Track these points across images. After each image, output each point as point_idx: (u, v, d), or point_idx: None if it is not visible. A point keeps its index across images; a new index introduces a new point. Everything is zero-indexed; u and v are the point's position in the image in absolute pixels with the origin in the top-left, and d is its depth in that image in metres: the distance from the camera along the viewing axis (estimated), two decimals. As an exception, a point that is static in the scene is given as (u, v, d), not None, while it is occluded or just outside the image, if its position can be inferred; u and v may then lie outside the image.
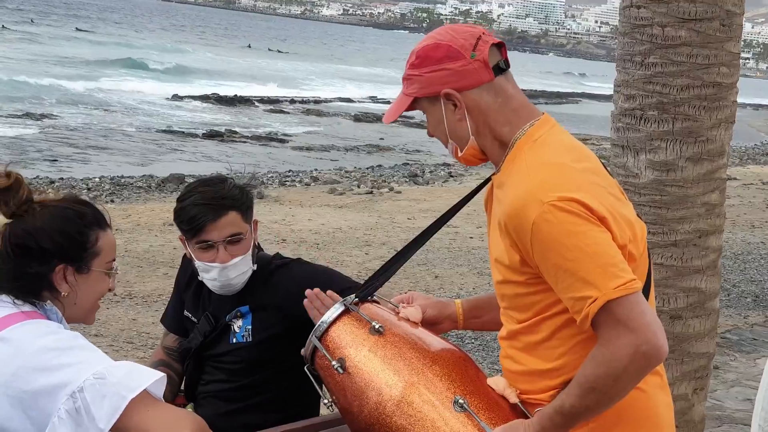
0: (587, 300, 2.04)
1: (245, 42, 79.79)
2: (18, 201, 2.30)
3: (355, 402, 2.25)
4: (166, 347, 3.35)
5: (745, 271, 10.38)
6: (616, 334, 2.03)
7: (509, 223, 2.13)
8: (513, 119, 2.25)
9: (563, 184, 2.09)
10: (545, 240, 2.07)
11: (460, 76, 2.22)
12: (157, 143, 23.56)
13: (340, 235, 11.58)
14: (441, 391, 2.19)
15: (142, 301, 8.14)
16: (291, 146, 24.76)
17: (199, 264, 3.07)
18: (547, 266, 2.09)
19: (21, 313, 2.25)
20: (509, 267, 2.20)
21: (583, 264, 2.04)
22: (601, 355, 2.05)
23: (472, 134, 2.26)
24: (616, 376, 2.04)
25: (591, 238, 2.05)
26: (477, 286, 9.26)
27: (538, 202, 2.07)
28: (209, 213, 3.00)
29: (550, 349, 2.21)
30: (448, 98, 2.24)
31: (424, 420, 2.17)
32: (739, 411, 6.06)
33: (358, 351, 2.29)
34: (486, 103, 2.24)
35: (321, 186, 16.97)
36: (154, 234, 11.00)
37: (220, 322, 3.15)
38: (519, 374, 2.27)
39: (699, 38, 3.84)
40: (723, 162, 3.99)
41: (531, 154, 2.19)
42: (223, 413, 3.12)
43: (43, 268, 2.29)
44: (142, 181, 16.47)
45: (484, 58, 2.23)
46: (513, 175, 2.19)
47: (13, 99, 28.66)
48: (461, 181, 18.47)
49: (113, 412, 2.06)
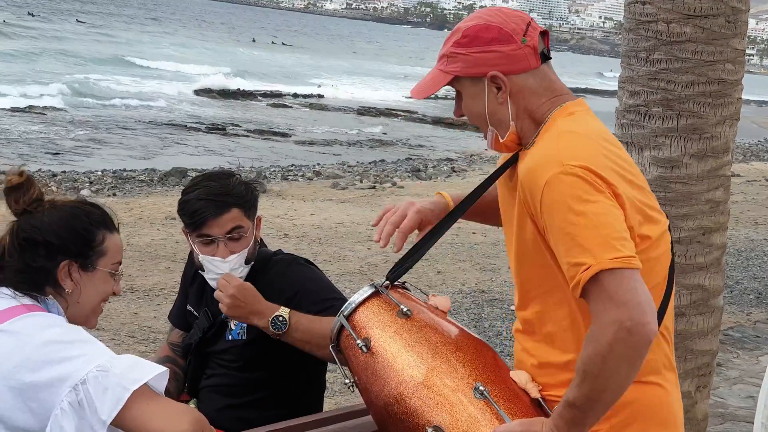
0: (581, 266, 2.01)
1: (246, 35, 79.78)
2: (28, 199, 2.35)
3: (376, 381, 2.26)
4: (171, 343, 3.35)
5: (748, 268, 10.37)
6: (603, 308, 1.99)
7: (524, 180, 2.12)
8: (552, 100, 2.24)
9: (587, 155, 2.09)
10: (554, 200, 2.05)
11: (510, 60, 2.20)
12: (159, 137, 23.56)
13: (342, 229, 11.57)
14: (462, 377, 2.20)
15: (144, 295, 8.14)
16: (293, 140, 24.75)
17: (200, 257, 3.06)
18: (552, 228, 2.08)
19: (22, 306, 2.26)
20: (527, 243, 2.18)
21: (585, 230, 2.02)
22: (590, 334, 2.03)
23: (512, 119, 2.24)
24: (603, 354, 1.99)
25: (600, 209, 2.03)
26: (479, 281, 9.25)
27: (557, 163, 2.07)
28: (212, 208, 3.00)
29: (568, 340, 2.20)
30: (493, 81, 2.21)
31: (443, 403, 2.17)
32: (742, 408, 6.05)
33: (384, 332, 2.30)
34: (530, 88, 2.23)
35: (323, 180, 16.96)
36: (156, 228, 11.00)
37: (218, 319, 3.16)
38: (537, 368, 2.26)
39: (704, 35, 3.83)
40: (727, 159, 3.98)
41: (563, 123, 2.19)
42: (223, 407, 3.13)
43: (47, 262, 2.32)
44: (145, 175, 16.46)
45: (534, 45, 2.22)
46: (541, 141, 2.19)
47: (16, 92, 28.66)
48: (464, 176, 18.46)
49: (115, 403, 2.07)
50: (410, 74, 52.47)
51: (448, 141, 26.81)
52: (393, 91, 41.91)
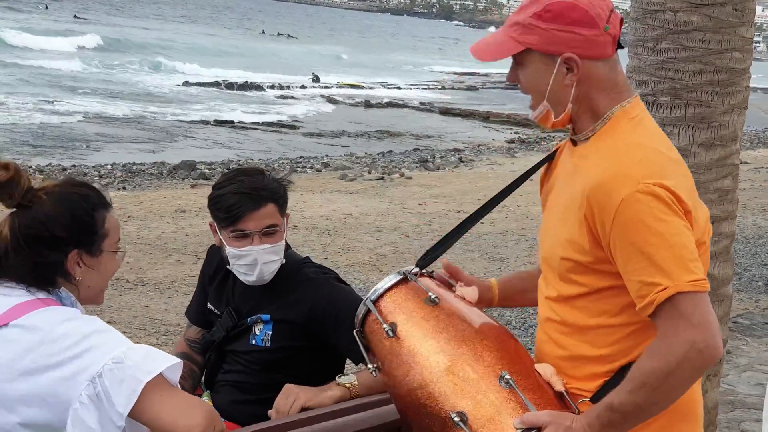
0: (656, 287, 2.03)
1: (254, 26, 79.67)
2: (21, 191, 2.29)
3: (400, 367, 2.26)
4: (188, 339, 3.36)
5: (756, 255, 10.36)
6: (675, 327, 2.02)
7: (594, 195, 2.10)
8: (614, 94, 2.22)
9: (659, 171, 2.08)
10: (630, 219, 2.04)
11: (588, 45, 2.17)
12: (168, 130, 23.58)
13: (351, 221, 11.59)
14: (488, 365, 2.19)
15: (155, 288, 8.17)
16: (302, 132, 24.76)
17: (231, 250, 3.06)
18: (622, 245, 2.06)
19: (38, 300, 2.26)
20: (575, 244, 2.17)
21: (662, 251, 2.03)
22: (656, 348, 2.04)
23: (572, 101, 2.21)
24: (669, 371, 2.02)
25: (675, 229, 2.04)
26: (488, 271, 9.26)
27: (633, 181, 2.05)
28: (249, 203, 3.01)
29: (601, 335, 2.19)
30: (566, 62, 2.18)
31: (467, 390, 2.16)
32: (751, 396, 6.05)
33: (411, 318, 2.29)
34: (599, 76, 2.20)
35: (332, 172, 16.97)
36: (166, 221, 11.03)
37: (242, 321, 3.16)
38: (563, 359, 2.25)
39: (711, 23, 3.82)
40: (736, 147, 3.98)
41: (629, 131, 2.17)
42: (238, 401, 3.14)
43: (58, 255, 2.30)
44: (154, 168, 16.50)
45: (615, 33, 2.20)
46: (605, 148, 2.16)
47: (25, 87, 28.71)
48: (472, 167, 18.45)
49: (131, 395, 2.08)
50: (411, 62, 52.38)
51: (456, 131, 26.78)
52: (399, 81, 41.89)
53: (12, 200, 2.29)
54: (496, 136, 26.02)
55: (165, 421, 2.09)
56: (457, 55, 64.48)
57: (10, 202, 2.30)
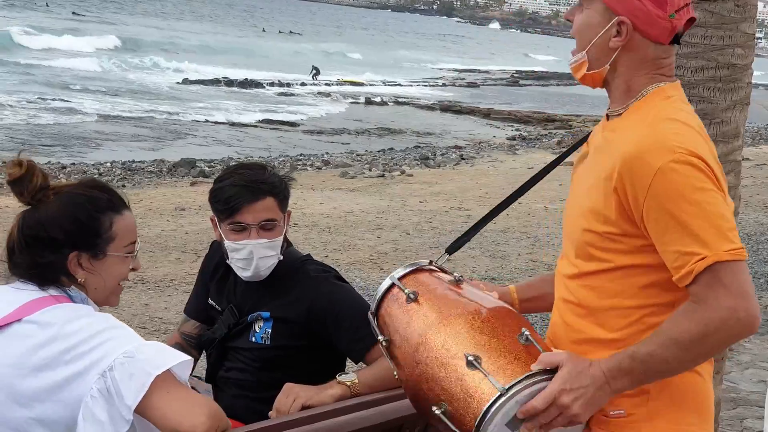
0: (694, 256, 2.01)
1: (252, 23, 79.65)
2: (33, 189, 2.31)
3: (417, 324, 2.25)
4: (184, 333, 3.34)
5: (758, 252, 10.34)
6: (716, 295, 2.01)
7: (626, 166, 2.08)
8: (654, 76, 2.22)
9: (694, 143, 2.08)
10: (666, 189, 2.03)
11: (648, 20, 2.18)
12: (167, 128, 23.58)
13: (351, 218, 11.58)
14: (508, 325, 2.19)
15: (155, 286, 8.16)
16: (302, 130, 24.75)
17: (229, 244, 3.05)
18: (657, 216, 2.05)
19: (50, 297, 2.27)
20: (599, 214, 2.16)
21: (700, 220, 2.02)
22: (693, 310, 2.03)
23: (610, 65, 2.22)
24: (706, 334, 2.02)
25: (713, 198, 2.04)
26: (489, 268, 9.24)
27: (668, 150, 2.04)
28: (247, 195, 3.01)
29: (614, 317, 2.18)
30: (620, 24, 2.18)
31: (481, 340, 2.15)
32: (753, 393, 6.05)
33: (433, 289, 2.31)
34: (646, 55, 2.21)
35: (332, 169, 16.97)
36: (166, 219, 11.01)
37: (243, 318, 3.15)
38: (576, 343, 2.23)
39: (713, 19, 3.80)
40: (738, 144, 3.96)
41: (662, 107, 2.17)
42: (239, 398, 3.14)
43: (55, 256, 2.30)
44: (153, 166, 16.49)
45: (677, 26, 2.20)
46: (637, 121, 2.16)
47: (24, 85, 28.72)
48: (473, 164, 18.44)
49: (140, 388, 2.09)
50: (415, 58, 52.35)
51: (456, 128, 26.78)
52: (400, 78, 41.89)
53: (23, 197, 2.32)
54: (497, 133, 26.01)
55: (170, 418, 2.10)
56: (457, 52, 64.52)
57: (22, 199, 2.32)
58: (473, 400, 2.10)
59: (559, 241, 9.85)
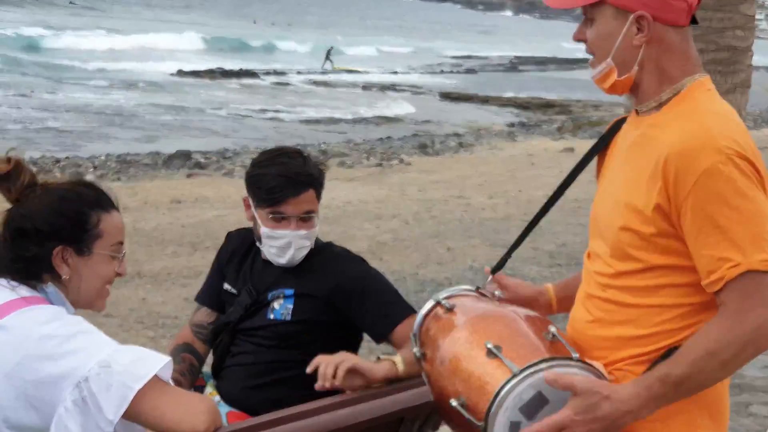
0: (728, 262, 1.99)
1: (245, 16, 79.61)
2: (20, 186, 2.30)
3: (450, 331, 2.29)
4: (195, 324, 3.31)
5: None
6: (748, 305, 1.99)
7: (674, 161, 2.04)
8: (686, 66, 2.18)
9: (742, 143, 2.06)
10: (710, 190, 2.01)
11: (665, 7, 2.13)
12: (162, 120, 23.54)
13: (350, 208, 11.53)
14: (537, 325, 2.22)
15: (152, 280, 8.11)
16: (298, 119, 24.71)
17: (265, 230, 3.09)
18: (695, 215, 2.02)
19: (21, 300, 2.22)
20: (638, 213, 2.11)
21: (738, 226, 2.00)
22: (729, 322, 2.00)
23: (637, 64, 2.17)
24: (741, 344, 2.00)
25: (755, 204, 2.01)
26: (490, 257, 9.18)
27: (717, 151, 2.01)
28: (291, 188, 3.05)
29: (647, 315, 2.14)
30: (638, 20, 2.14)
31: (504, 333, 2.18)
32: (759, 379, 6.01)
33: (470, 302, 2.38)
34: (670, 42, 2.16)
35: (330, 159, 16.90)
36: (162, 212, 10.95)
37: (262, 296, 3.15)
38: (605, 339, 2.20)
39: (713, 1, 3.76)
40: (740, 128, 3.91)
41: (708, 101, 2.15)
42: (247, 386, 3.11)
43: (40, 250, 2.27)
44: (149, 158, 16.38)
45: (693, 4, 2.16)
46: (685, 115, 2.12)
47: (17, 78, 28.70)
48: (472, 151, 18.38)
49: (120, 402, 2.05)
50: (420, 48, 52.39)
51: (455, 116, 26.74)
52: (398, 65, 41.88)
53: (11, 194, 2.31)
54: (496, 120, 25.97)
55: (168, 421, 2.08)
56: (454, 38, 64.52)
57: (9, 195, 2.32)
58: (488, 385, 2.09)
59: (561, 228, 9.90)
